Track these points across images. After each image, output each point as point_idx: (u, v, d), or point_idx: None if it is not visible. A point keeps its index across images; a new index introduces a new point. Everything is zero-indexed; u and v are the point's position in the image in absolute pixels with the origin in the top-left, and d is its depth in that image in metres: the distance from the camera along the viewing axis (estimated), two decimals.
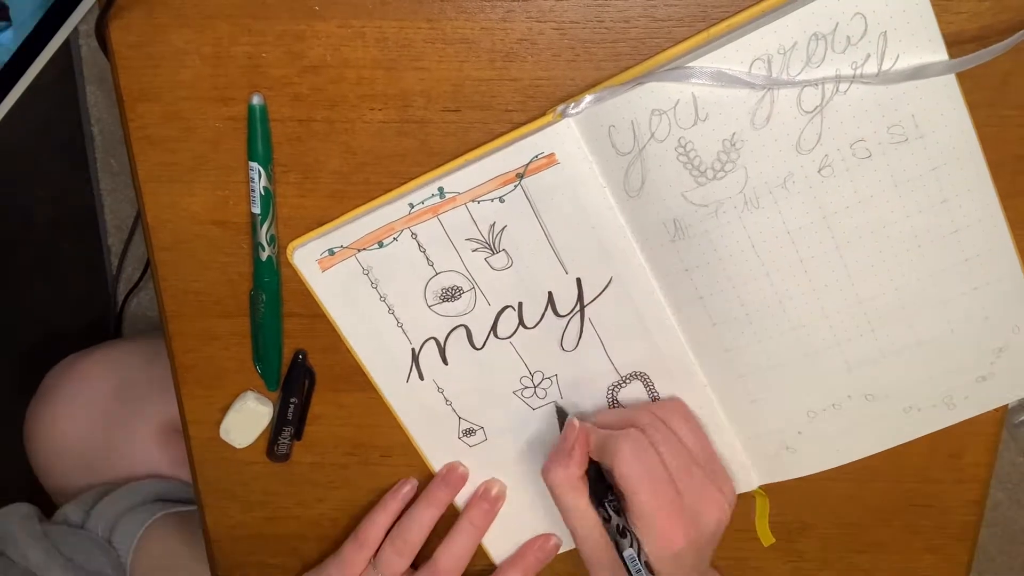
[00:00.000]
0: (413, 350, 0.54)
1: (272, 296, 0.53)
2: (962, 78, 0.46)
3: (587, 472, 0.51)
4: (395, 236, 0.51)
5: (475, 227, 0.51)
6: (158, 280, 0.54)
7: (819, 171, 0.47)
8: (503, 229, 0.51)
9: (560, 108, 0.48)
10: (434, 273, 0.52)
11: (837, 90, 0.46)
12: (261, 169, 0.50)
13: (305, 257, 0.52)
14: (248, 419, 0.57)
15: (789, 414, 0.54)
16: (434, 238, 0.51)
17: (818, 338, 0.52)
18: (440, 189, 0.50)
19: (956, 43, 0.46)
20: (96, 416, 0.79)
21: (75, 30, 0.48)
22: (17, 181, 1.18)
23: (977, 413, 0.53)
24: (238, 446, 0.57)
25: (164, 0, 0.47)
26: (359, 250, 0.52)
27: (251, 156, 0.50)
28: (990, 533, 0.53)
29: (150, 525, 0.68)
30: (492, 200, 0.50)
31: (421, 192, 0.50)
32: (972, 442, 0.55)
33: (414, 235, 0.51)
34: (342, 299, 0.53)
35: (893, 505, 0.58)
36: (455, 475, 0.58)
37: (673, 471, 0.49)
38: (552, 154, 0.48)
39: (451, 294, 0.53)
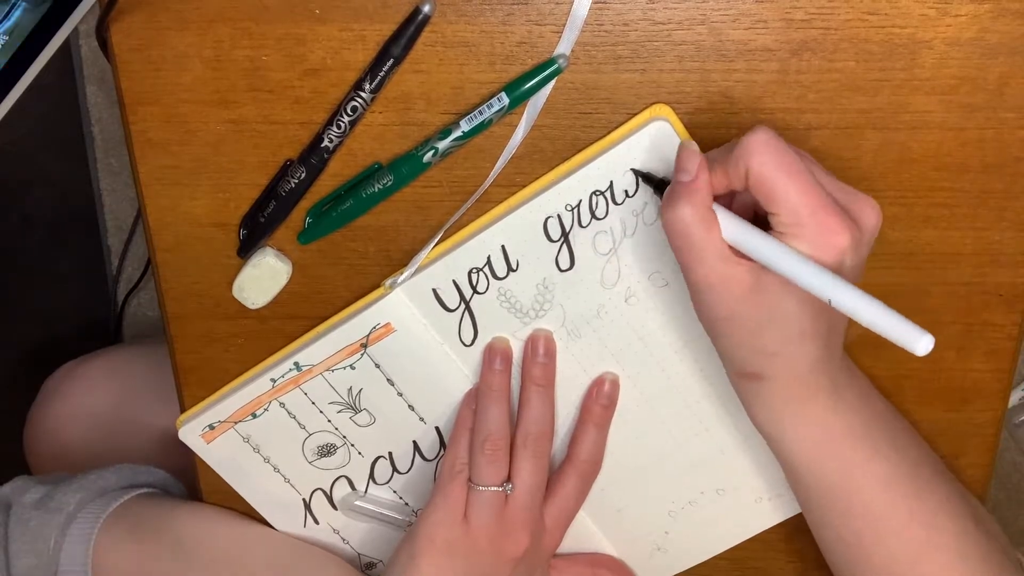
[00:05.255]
0: (304, 500, 0.59)
1: (399, 184, 0.50)
2: (962, 81, 0.47)
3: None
4: (264, 407, 0.55)
5: (335, 392, 0.55)
6: (160, 282, 0.54)
7: (625, 300, 0.52)
8: (360, 391, 0.55)
9: (388, 282, 0.52)
10: (307, 434, 0.56)
11: (625, 234, 0.50)
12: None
13: (190, 433, 0.56)
14: (266, 276, 0.53)
15: (653, 516, 0.59)
16: (300, 405, 0.55)
17: (660, 442, 0.56)
18: (296, 363, 0.54)
19: (956, 44, 0.46)
20: (97, 425, 0.77)
21: (75, 30, 0.48)
22: (17, 181, 1.18)
23: None
24: (252, 306, 0.54)
25: (165, 3, 0.48)
26: (236, 422, 0.56)
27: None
28: None
29: (115, 510, 0.61)
30: (344, 368, 0.54)
31: (279, 368, 0.54)
32: (972, 442, 0.56)
33: (282, 404, 0.55)
34: (231, 466, 0.58)
35: None
36: (497, 352, 0.53)
37: (815, 174, 0.42)
38: (388, 323, 0.52)
39: (327, 451, 0.57)
